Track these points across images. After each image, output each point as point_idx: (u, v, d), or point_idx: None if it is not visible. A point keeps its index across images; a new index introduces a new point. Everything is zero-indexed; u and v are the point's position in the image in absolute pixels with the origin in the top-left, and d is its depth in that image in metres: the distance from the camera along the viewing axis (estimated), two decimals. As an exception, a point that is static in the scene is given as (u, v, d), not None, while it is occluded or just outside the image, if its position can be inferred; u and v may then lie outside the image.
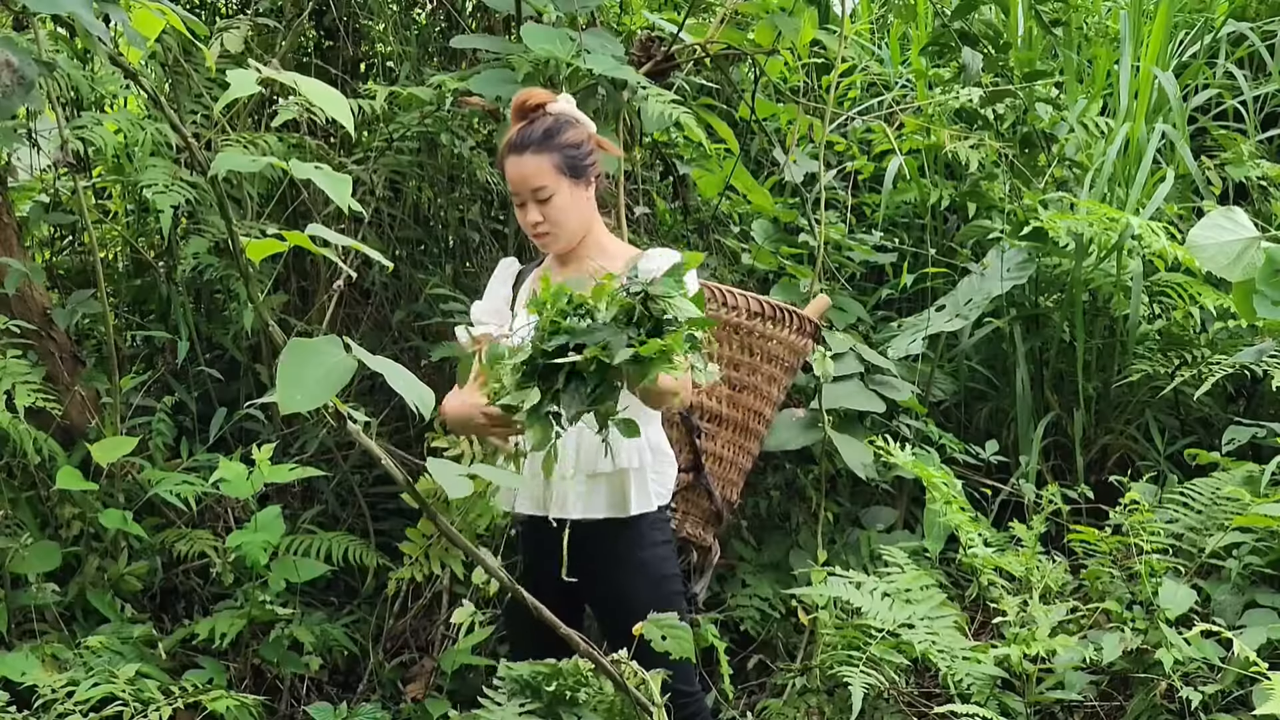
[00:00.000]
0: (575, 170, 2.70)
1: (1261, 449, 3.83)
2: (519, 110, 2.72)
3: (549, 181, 2.67)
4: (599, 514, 2.70)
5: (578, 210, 2.73)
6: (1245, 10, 5.19)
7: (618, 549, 2.72)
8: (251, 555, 3.26)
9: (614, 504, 2.71)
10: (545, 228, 2.70)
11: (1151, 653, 3.11)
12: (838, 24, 4.08)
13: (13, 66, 1.94)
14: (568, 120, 2.72)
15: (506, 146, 2.71)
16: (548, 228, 2.70)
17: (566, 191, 2.69)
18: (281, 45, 3.91)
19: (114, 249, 4.28)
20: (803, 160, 4.01)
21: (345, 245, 1.79)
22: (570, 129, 2.71)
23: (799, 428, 3.64)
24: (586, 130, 2.75)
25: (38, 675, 3.06)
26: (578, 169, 2.71)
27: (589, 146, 2.74)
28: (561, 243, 2.74)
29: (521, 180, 2.68)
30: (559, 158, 2.68)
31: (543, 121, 2.70)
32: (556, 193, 2.68)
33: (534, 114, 2.71)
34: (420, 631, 3.76)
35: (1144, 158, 4.36)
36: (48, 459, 3.41)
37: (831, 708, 3.32)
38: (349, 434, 1.86)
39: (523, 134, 2.69)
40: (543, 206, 2.68)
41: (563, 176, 2.68)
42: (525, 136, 2.68)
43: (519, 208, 2.73)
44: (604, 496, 2.70)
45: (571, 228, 2.73)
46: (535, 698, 2.48)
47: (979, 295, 4.13)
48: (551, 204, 2.68)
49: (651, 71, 3.64)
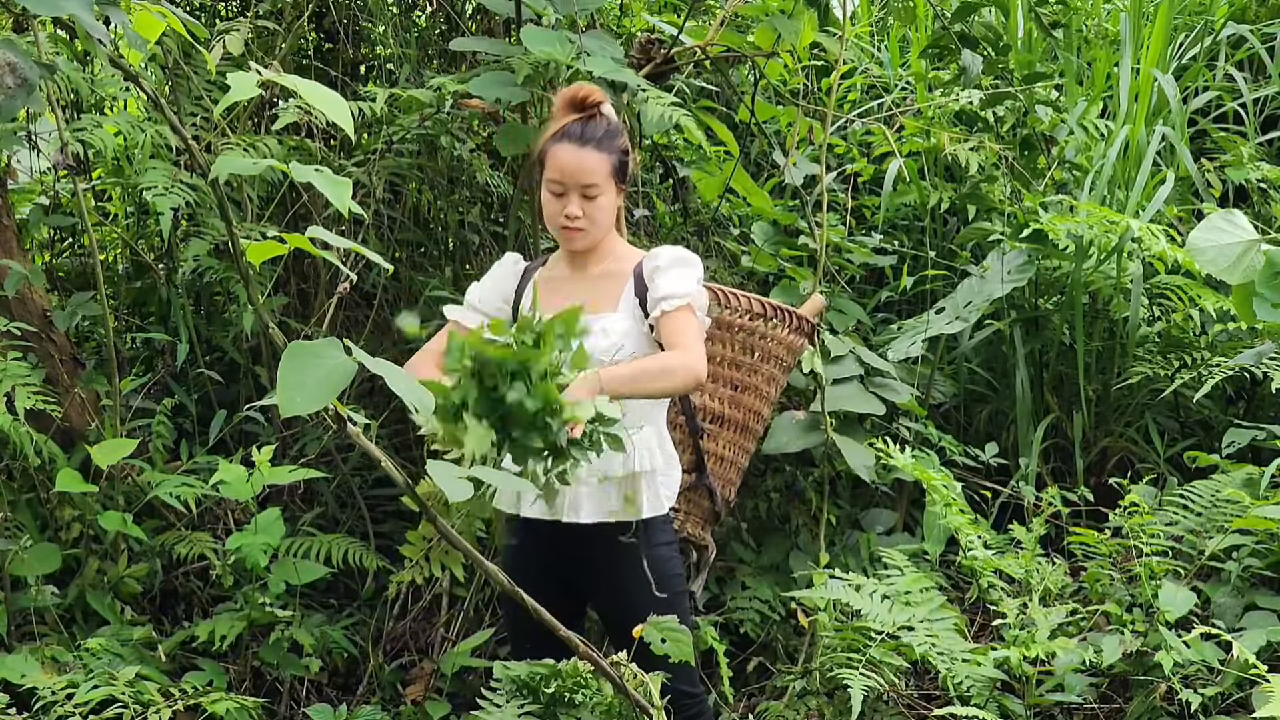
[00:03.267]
0: (621, 176, 2.73)
1: (1261, 451, 3.83)
2: (574, 103, 2.70)
3: (601, 180, 2.67)
4: (610, 517, 2.70)
5: (611, 214, 2.74)
6: (1245, 13, 5.19)
7: (625, 550, 2.72)
8: (251, 557, 3.26)
9: (624, 507, 2.71)
10: (582, 223, 2.69)
11: (1151, 655, 3.11)
12: (837, 26, 4.09)
13: (14, 68, 1.94)
14: (619, 125, 2.75)
15: (562, 135, 2.67)
16: (584, 224, 2.69)
17: (612, 194, 2.71)
18: (281, 48, 3.91)
19: (114, 251, 4.28)
20: (802, 163, 4.01)
21: (345, 248, 1.79)
22: (622, 135, 2.73)
23: (799, 430, 3.65)
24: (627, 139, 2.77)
25: (37, 677, 3.06)
26: (623, 175, 2.73)
27: (632, 155, 2.78)
28: (588, 241, 2.73)
29: (578, 172, 2.66)
30: (615, 160, 2.69)
31: (602, 121, 2.69)
32: (604, 193, 2.68)
33: (590, 109, 2.70)
34: (420, 634, 3.76)
35: (1144, 160, 4.36)
36: (47, 461, 3.40)
37: (831, 710, 3.32)
38: (349, 436, 1.86)
39: (587, 128, 2.68)
40: (586, 202, 2.67)
41: (612, 179, 2.70)
42: (590, 131, 2.67)
43: (556, 197, 2.69)
44: (615, 499, 2.70)
45: (603, 229, 2.73)
46: (534, 699, 2.48)
47: (979, 297, 4.13)
48: (596, 203, 2.68)
49: (651, 74, 3.65)
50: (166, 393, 3.88)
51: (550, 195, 2.70)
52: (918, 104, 4.64)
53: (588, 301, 2.66)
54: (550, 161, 2.69)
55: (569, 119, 2.69)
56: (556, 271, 2.81)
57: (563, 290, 2.71)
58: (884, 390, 3.77)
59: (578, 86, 2.73)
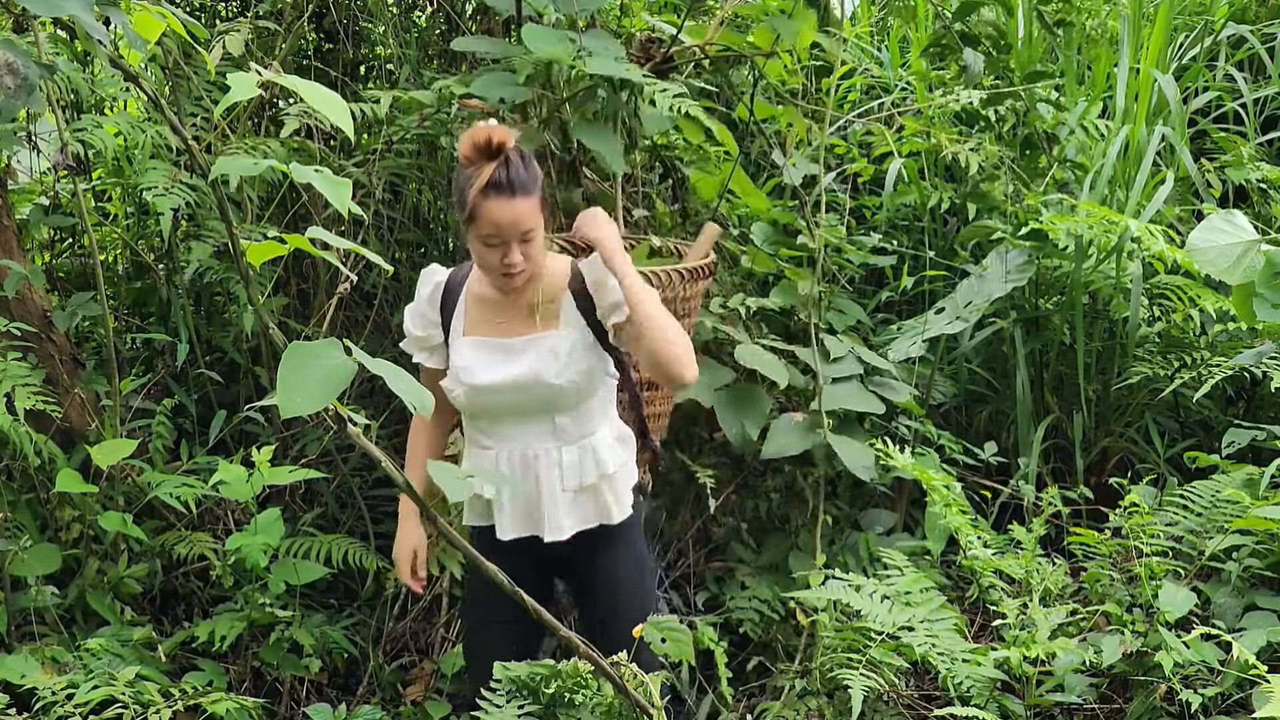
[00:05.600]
0: (545, 204, 2.61)
1: (1261, 451, 3.83)
2: (484, 149, 2.53)
3: (536, 222, 2.55)
4: (590, 524, 2.75)
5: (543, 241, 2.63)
6: (1245, 13, 5.20)
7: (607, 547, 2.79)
8: (251, 558, 3.26)
9: (601, 512, 2.75)
10: (524, 267, 2.57)
11: (1151, 655, 3.11)
12: (837, 26, 4.08)
13: (14, 69, 1.94)
14: (529, 154, 2.61)
15: (489, 188, 2.51)
16: (526, 267, 2.58)
17: (542, 225, 2.59)
18: (281, 48, 3.91)
19: (114, 251, 4.29)
20: (802, 163, 4.01)
21: (345, 248, 1.79)
22: (533, 162, 2.59)
23: (799, 430, 3.64)
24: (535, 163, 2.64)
25: (37, 678, 3.06)
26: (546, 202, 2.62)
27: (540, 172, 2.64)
28: (529, 278, 2.62)
29: (514, 224, 2.52)
30: (540, 194, 2.57)
31: (521, 160, 2.55)
32: (538, 231, 2.57)
33: (500, 151, 2.53)
34: (420, 634, 3.76)
35: (1144, 160, 4.36)
36: (47, 461, 3.41)
37: (831, 710, 3.32)
38: (349, 436, 1.86)
39: (512, 176, 2.52)
40: (524, 245, 2.56)
41: (541, 214, 2.58)
42: (515, 177, 2.52)
43: (492, 248, 2.55)
44: (591, 507, 2.74)
45: (541, 261, 2.63)
46: (534, 699, 2.48)
47: (979, 297, 4.13)
48: (533, 243, 2.57)
49: (651, 73, 3.64)
50: (166, 393, 3.89)
51: (484, 247, 2.56)
52: (918, 104, 4.64)
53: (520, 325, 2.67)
54: (483, 217, 2.52)
55: (487, 168, 2.52)
56: (485, 289, 2.70)
57: (497, 311, 2.68)
58: (884, 390, 3.77)
59: (481, 131, 2.54)
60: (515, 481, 2.68)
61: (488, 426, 2.71)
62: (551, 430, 2.69)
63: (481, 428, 2.73)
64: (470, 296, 2.71)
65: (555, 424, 2.69)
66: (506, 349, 2.66)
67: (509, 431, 2.70)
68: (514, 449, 2.69)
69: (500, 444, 2.70)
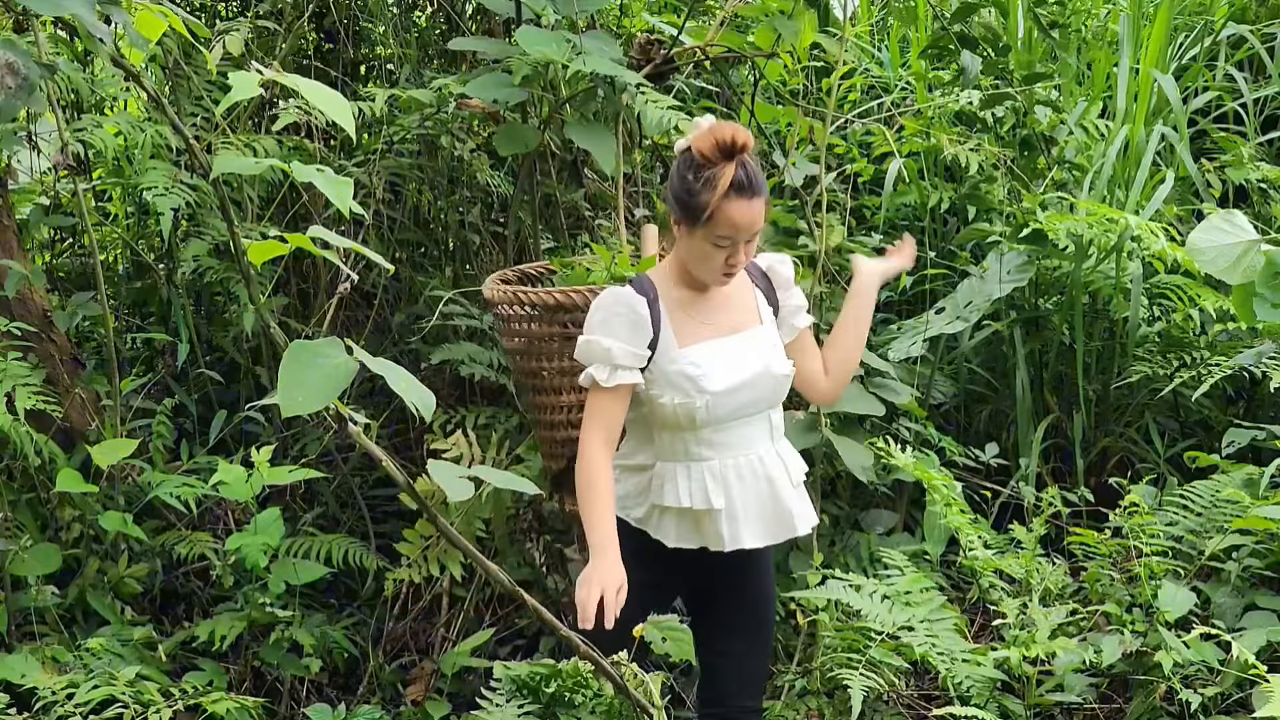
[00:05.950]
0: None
1: (1261, 451, 3.83)
2: (726, 148, 2.47)
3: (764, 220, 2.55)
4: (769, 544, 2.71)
5: None
6: (1245, 13, 5.20)
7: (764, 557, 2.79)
8: (251, 557, 3.26)
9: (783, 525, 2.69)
10: (742, 265, 2.57)
11: (1151, 655, 3.11)
12: (838, 27, 4.09)
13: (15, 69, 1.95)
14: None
15: (732, 188, 2.45)
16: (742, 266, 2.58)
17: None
18: (281, 48, 3.91)
19: (114, 251, 4.29)
20: (802, 163, 4.01)
21: (346, 248, 1.79)
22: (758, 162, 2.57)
23: (799, 430, 3.64)
24: None
25: (38, 677, 3.06)
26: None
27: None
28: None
29: (752, 223, 2.49)
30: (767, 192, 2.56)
31: (754, 161, 2.51)
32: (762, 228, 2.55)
33: (744, 150, 2.48)
34: (420, 634, 3.76)
35: (1143, 160, 4.36)
36: (48, 461, 3.41)
37: (831, 710, 3.32)
38: (349, 436, 1.86)
39: (752, 175, 2.48)
40: (747, 246, 2.53)
41: None
42: (755, 178, 2.49)
43: (721, 249, 2.51)
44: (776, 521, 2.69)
45: None
46: (534, 699, 2.49)
47: (979, 298, 4.14)
48: (755, 241, 2.55)
49: (651, 74, 3.65)
50: (166, 393, 3.89)
51: (713, 248, 2.51)
52: (918, 104, 4.64)
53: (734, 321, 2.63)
54: (723, 219, 2.47)
55: (729, 169, 2.46)
56: (679, 294, 2.63)
57: (701, 314, 2.62)
58: (884, 390, 3.77)
59: (725, 129, 2.47)
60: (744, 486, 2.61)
61: (712, 435, 2.59)
62: (769, 429, 2.66)
63: (704, 438, 2.59)
64: (670, 305, 2.60)
65: (771, 422, 2.66)
66: (733, 347, 2.60)
67: (733, 436, 2.61)
68: (739, 454, 2.61)
69: (723, 452, 2.60)
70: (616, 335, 2.54)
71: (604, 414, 2.54)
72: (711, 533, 2.62)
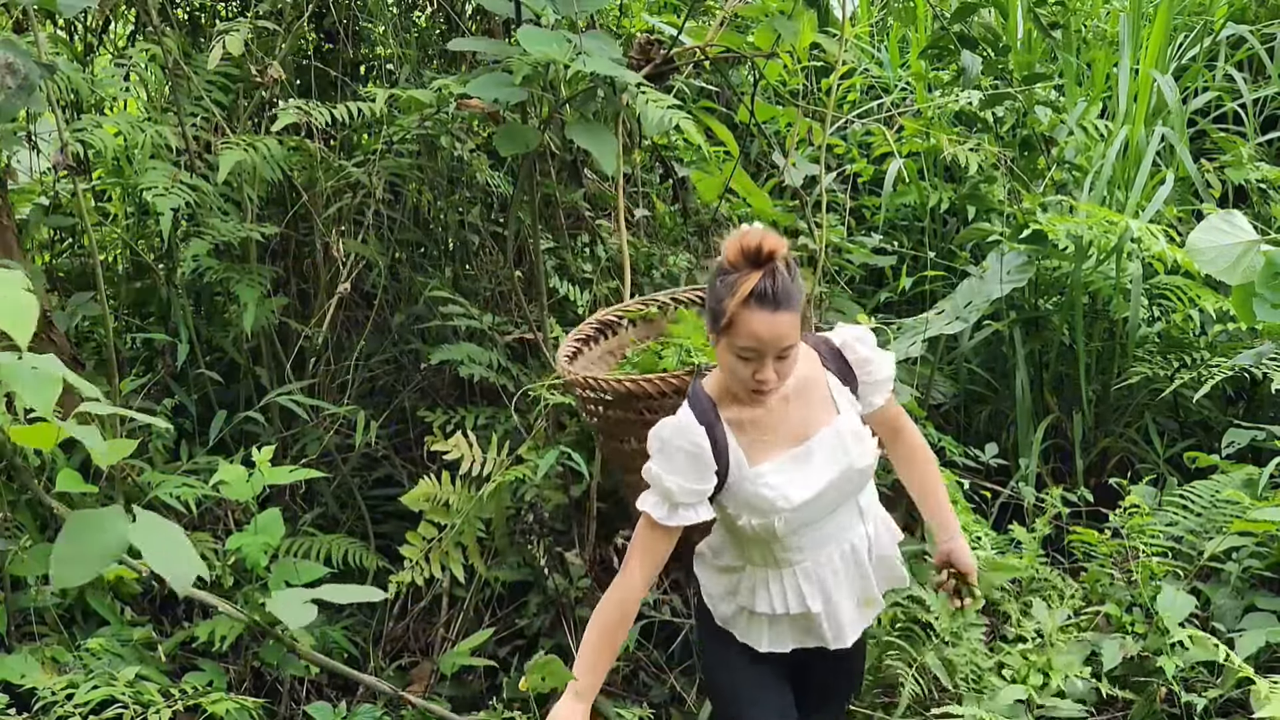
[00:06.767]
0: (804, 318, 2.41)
1: (1261, 452, 3.83)
2: (752, 255, 2.30)
3: (795, 338, 2.34)
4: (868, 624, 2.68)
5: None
6: (1245, 13, 5.20)
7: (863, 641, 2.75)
8: (251, 558, 3.25)
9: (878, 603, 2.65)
10: (774, 384, 2.36)
11: (1153, 659, 3.11)
12: (837, 27, 4.08)
13: (14, 69, 1.95)
14: (795, 263, 2.37)
15: (753, 297, 2.28)
16: (775, 384, 2.36)
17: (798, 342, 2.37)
18: (281, 48, 3.90)
19: (114, 252, 4.28)
20: (802, 163, 4.01)
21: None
22: (798, 274, 2.37)
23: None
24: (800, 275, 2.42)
25: (37, 678, 3.06)
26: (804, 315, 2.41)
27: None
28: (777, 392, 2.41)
29: (776, 340, 2.30)
30: (802, 308, 2.36)
31: (785, 272, 2.31)
32: (796, 348, 2.36)
33: (771, 260, 2.30)
34: (420, 634, 3.76)
35: (1143, 160, 4.37)
36: (48, 461, 3.40)
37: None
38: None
39: (776, 288, 2.29)
40: (779, 363, 2.34)
41: (800, 327, 2.36)
42: (780, 290, 2.29)
43: (746, 361, 2.33)
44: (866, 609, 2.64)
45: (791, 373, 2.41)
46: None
47: (978, 298, 4.14)
48: (789, 359, 2.35)
49: (650, 74, 3.65)
50: (166, 393, 3.88)
51: (737, 360, 2.34)
52: (917, 104, 4.64)
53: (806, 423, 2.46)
54: (741, 328, 2.30)
55: (753, 276, 2.29)
56: (740, 412, 2.45)
57: (765, 429, 2.45)
58: (884, 390, 3.76)
59: (752, 236, 2.32)
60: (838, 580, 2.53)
61: (798, 540, 2.47)
62: (858, 513, 2.55)
63: (790, 544, 2.47)
64: (732, 427, 2.44)
65: (860, 506, 2.55)
66: (805, 456, 2.44)
67: (822, 534, 2.49)
68: (831, 548, 2.51)
69: (813, 550, 2.49)
70: (678, 471, 2.40)
71: (653, 549, 2.43)
72: (812, 633, 2.55)
